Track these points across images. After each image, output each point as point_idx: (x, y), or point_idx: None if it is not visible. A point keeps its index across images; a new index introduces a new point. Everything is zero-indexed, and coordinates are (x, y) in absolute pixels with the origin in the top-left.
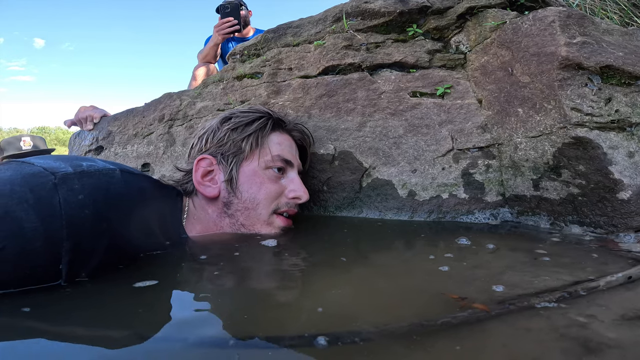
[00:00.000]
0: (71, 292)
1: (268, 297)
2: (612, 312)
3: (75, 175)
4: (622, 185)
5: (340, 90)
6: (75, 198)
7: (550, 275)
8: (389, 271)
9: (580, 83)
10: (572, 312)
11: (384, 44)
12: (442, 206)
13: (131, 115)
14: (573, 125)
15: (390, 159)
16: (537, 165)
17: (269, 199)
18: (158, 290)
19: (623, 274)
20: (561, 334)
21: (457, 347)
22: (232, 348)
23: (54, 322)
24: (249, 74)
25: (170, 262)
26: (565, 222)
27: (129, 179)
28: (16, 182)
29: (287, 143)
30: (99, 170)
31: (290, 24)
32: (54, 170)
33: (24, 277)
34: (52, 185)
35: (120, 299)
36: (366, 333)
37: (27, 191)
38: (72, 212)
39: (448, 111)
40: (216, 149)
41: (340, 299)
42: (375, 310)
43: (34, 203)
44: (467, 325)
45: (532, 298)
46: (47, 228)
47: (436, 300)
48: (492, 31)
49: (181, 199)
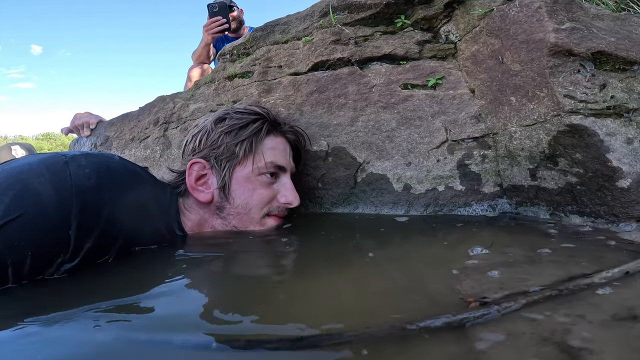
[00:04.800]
0: (56, 288)
1: (260, 296)
2: (603, 312)
3: (82, 155)
4: (621, 173)
5: (331, 85)
6: (83, 171)
7: (544, 271)
8: (382, 269)
9: (572, 70)
10: (560, 312)
11: (373, 37)
12: (439, 199)
13: (127, 120)
14: (567, 112)
15: (384, 152)
16: (533, 154)
17: (260, 204)
18: (150, 285)
19: (619, 269)
20: (543, 338)
21: (433, 352)
22: (215, 351)
23: (35, 321)
24: (239, 73)
25: (167, 257)
26: (564, 212)
27: (126, 163)
28: (34, 163)
29: (281, 147)
30: (101, 153)
31: (277, 21)
32: (64, 153)
33: (40, 245)
34: (63, 163)
35: (108, 295)
36: (337, 336)
37: (44, 168)
38: (80, 182)
39: (440, 102)
40: (209, 152)
41: (330, 299)
42: (357, 312)
43: (49, 177)
44: (448, 330)
45: (520, 298)
46: (60, 195)
47: (419, 301)
48: (481, 19)
49: (176, 196)
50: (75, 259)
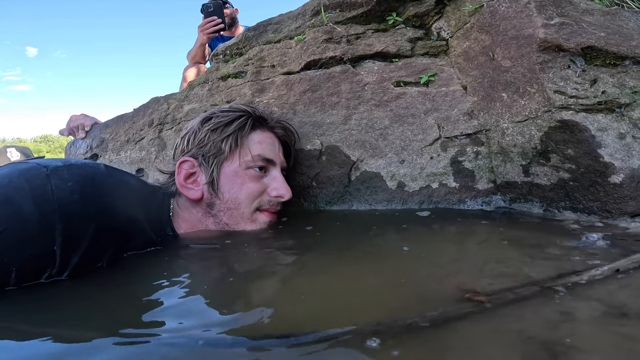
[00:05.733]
0: (53, 291)
1: (253, 294)
2: (592, 309)
3: (64, 167)
4: (613, 169)
5: (324, 84)
6: (65, 185)
7: (534, 268)
8: (375, 265)
9: (562, 65)
10: (549, 309)
11: (365, 35)
12: (433, 196)
13: (121, 122)
14: (558, 108)
15: (378, 150)
16: (526, 150)
17: (250, 198)
18: (144, 287)
19: (609, 267)
20: (529, 336)
21: (418, 349)
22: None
23: (29, 321)
24: (232, 73)
25: (159, 258)
26: (558, 208)
27: (113, 172)
28: (14, 175)
29: (268, 141)
30: (85, 164)
31: (270, 20)
32: (46, 164)
33: (24, 260)
34: (44, 176)
35: (102, 297)
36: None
37: (24, 181)
38: (62, 196)
39: (433, 99)
40: (197, 150)
41: (328, 296)
42: (345, 309)
43: (29, 190)
44: (434, 327)
45: (509, 294)
46: (42, 211)
47: (406, 298)
48: (471, 15)
49: (168, 198)
50: (63, 273)
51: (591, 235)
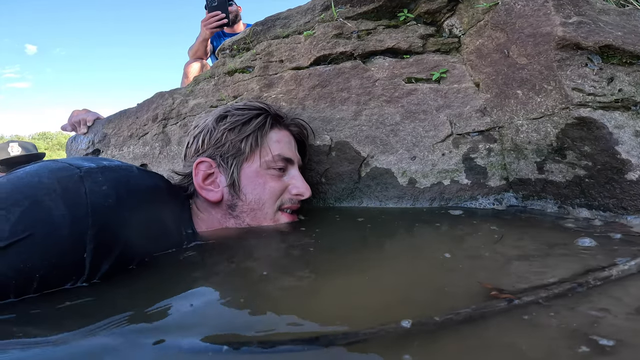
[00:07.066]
0: (73, 295)
1: (279, 295)
2: (625, 305)
3: (98, 169)
4: (630, 166)
5: (334, 79)
6: (100, 189)
7: (559, 265)
8: (397, 264)
9: (580, 63)
10: (583, 305)
11: (376, 31)
12: (444, 193)
13: (125, 117)
14: (575, 105)
15: (388, 146)
16: (541, 147)
17: (273, 198)
18: (167, 289)
19: (636, 262)
20: (571, 330)
21: (459, 345)
22: (225, 354)
23: (38, 326)
24: (239, 68)
25: (182, 259)
26: (572, 205)
27: (145, 175)
28: (44, 175)
29: (286, 140)
30: (119, 166)
31: (278, 15)
32: (79, 165)
33: (49, 268)
34: (78, 178)
35: (121, 300)
36: (362, 333)
37: (55, 182)
38: (97, 201)
39: (445, 96)
40: (214, 151)
41: (343, 296)
42: (373, 308)
43: (61, 193)
44: (470, 322)
45: (540, 291)
46: (74, 215)
47: (437, 295)
48: (485, 13)
49: (187, 199)
50: (90, 281)
51: (609, 233)
